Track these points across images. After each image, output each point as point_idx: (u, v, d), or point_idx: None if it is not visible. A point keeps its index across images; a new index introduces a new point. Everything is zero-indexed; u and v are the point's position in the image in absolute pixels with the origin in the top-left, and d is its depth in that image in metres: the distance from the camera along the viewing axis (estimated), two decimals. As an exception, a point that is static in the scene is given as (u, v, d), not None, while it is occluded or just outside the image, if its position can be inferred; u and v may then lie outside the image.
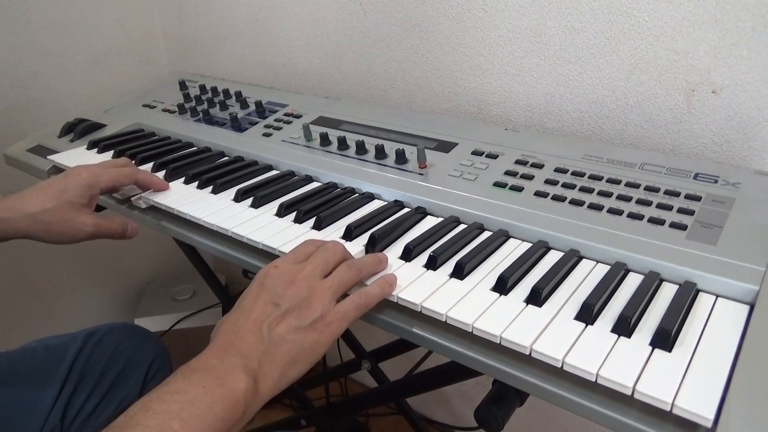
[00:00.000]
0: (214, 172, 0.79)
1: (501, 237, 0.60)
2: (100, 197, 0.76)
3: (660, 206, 0.59)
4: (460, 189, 0.68)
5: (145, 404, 0.41)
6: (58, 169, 0.90)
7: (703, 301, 0.49)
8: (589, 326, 0.46)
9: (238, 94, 1.03)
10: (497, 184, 0.67)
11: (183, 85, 1.12)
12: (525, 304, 0.49)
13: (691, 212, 0.58)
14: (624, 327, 0.45)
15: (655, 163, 0.66)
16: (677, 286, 0.51)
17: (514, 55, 0.90)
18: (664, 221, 0.57)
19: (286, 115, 0.94)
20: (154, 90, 1.15)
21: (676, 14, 0.74)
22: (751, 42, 0.69)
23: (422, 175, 0.72)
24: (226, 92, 1.05)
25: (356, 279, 0.52)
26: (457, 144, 0.77)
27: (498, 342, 0.45)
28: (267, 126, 0.92)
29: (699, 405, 0.37)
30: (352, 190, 0.73)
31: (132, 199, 0.76)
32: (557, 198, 0.63)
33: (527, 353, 0.44)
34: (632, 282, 0.52)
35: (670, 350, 0.42)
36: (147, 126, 1.01)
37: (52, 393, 0.79)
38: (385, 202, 0.70)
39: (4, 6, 1.21)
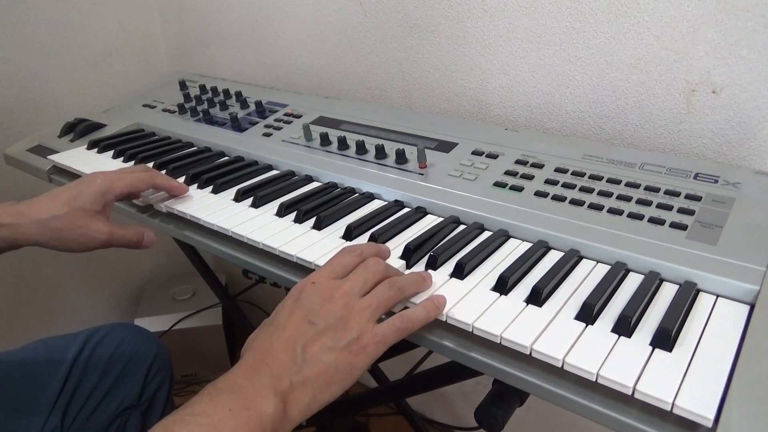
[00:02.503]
0: (214, 172, 0.79)
1: (501, 237, 0.60)
2: (116, 204, 0.72)
3: (660, 206, 0.59)
4: (460, 189, 0.68)
5: (167, 426, 0.38)
6: (58, 169, 0.90)
7: (704, 301, 0.49)
8: (589, 326, 0.46)
9: (238, 94, 1.03)
10: (497, 184, 0.67)
11: (183, 85, 1.12)
12: (525, 304, 0.49)
13: (691, 212, 0.58)
14: (624, 327, 0.45)
15: (655, 163, 0.66)
16: (677, 286, 0.51)
17: (514, 55, 0.90)
18: (665, 221, 0.57)
19: (286, 115, 0.94)
20: (154, 90, 1.15)
21: (676, 14, 0.74)
22: (751, 42, 0.69)
23: (422, 175, 0.72)
24: (226, 92, 1.05)
25: (397, 299, 0.49)
26: (457, 144, 0.77)
27: (498, 342, 0.45)
28: (267, 126, 0.92)
29: (699, 405, 0.37)
30: (352, 190, 0.73)
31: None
32: (557, 198, 0.63)
33: (527, 353, 0.44)
34: (632, 282, 0.52)
35: (670, 350, 0.42)
36: (147, 126, 1.01)
37: (53, 393, 0.79)
38: (385, 202, 0.70)
39: (4, 6, 1.21)
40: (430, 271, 0.55)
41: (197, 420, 0.39)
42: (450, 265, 0.55)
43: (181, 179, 0.79)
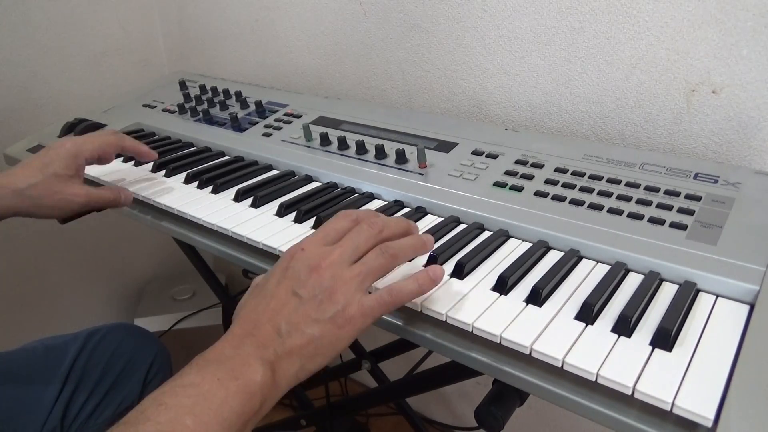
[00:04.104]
0: (214, 172, 0.79)
1: (501, 237, 0.60)
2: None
3: (660, 206, 0.59)
4: (460, 189, 0.68)
5: (157, 398, 0.39)
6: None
7: (703, 301, 0.49)
8: (589, 326, 0.46)
9: (238, 94, 1.03)
10: (497, 184, 0.67)
11: (183, 85, 1.11)
12: (525, 303, 0.49)
13: (691, 212, 0.58)
14: (624, 327, 0.45)
15: (655, 163, 0.66)
16: (677, 286, 0.51)
17: (514, 55, 0.90)
18: (664, 221, 0.57)
19: (286, 115, 0.94)
20: (154, 90, 1.15)
21: (676, 14, 0.74)
22: (751, 42, 0.69)
23: (422, 175, 0.72)
24: (226, 92, 1.05)
25: (389, 266, 0.47)
26: (457, 144, 0.77)
27: (498, 342, 0.45)
28: (267, 126, 0.92)
29: (699, 405, 0.37)
30: (352, 190, 0.73)
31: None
32: (557, 198, 0.63)
33: (527, 353, 0.44)
34: (632, 282, 0.52)
35: (670, 350, 0.42)
36: (147, 126, 1.01)
37: (53, 393, 0.79)
38: (385, 202, 0.70)
39: (4, 6, 1.21)
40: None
41: (187, 391, 0.39)
42: (450, 265, 0.55)
43: (181, 178, 0.79)
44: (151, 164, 0.84)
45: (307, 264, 0.45)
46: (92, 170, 0.81)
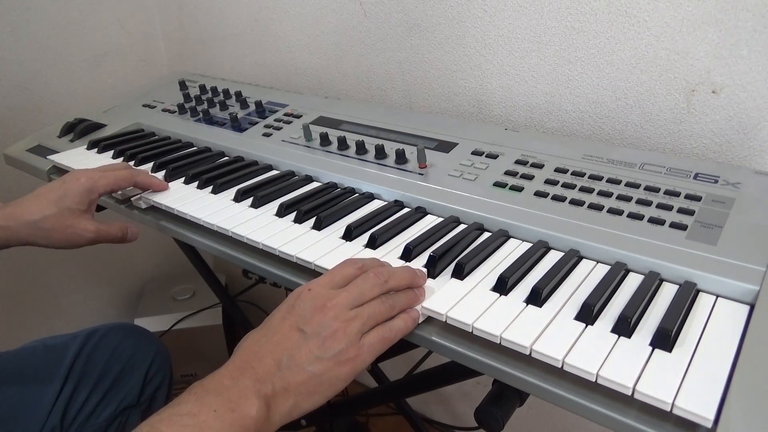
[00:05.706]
0: (214, 172, 0.79)
1: (501, 237, 0.60)
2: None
3: (660, 206, 0.59)
4: (460, 189, 0.68)
5: (154, 425, 0.40)
6: (58, 169, 0.90)
7: (703, 301, 0.49)
8: (589, 326, 0.46)
9: (238, 94, 1.03)
10: (497, 184, 0.67)
11: (183, 85, 1.11)
12: (525, 304, 0.49)
13: (691, 212, 0.57)
14: (624, 327, 0.45)
15: (655, 163, 0.66)
16: (677, 286, 0.51)
17: (514, 55, 0.90)
18: (664, 221, 0.57)
19: (286, 115, 0.94)
20: (154, 90, 1.15)
21: (676, 14, 0.74)
22: (751, 42, 0.69)
23: (422, 175, 0.72)
24: (226, 92, 1.05)
25: (388, 315, 0.49)
26: (457, 144, 0.77)
27: (498, 342, 0.45)
28: (267, 126, 0.92)
29: (699, 405, 0.37)
30: (352, 190, 0.73)
31: (132, 199, 0.76)
32: (557, 198, 0.63)
33: (527, 353, 0.44)
34: (632, 282, 0.52)
35: (670, 350, 0.42)
36: (147, 126, 1.01)
37: (53, 392, 0.79)
38: (385, 202, 0.70)
39: (4, 6, 1.21)
40: (429, 281, 0.54)
41: (183, 420, 0.40)
42: (450, 266, 0.55)
43: (181, 179, 0.79)
44: (151, 165, 0.84)
45: (312, 303, 0.47)
46: (87, 167, 0.81)
